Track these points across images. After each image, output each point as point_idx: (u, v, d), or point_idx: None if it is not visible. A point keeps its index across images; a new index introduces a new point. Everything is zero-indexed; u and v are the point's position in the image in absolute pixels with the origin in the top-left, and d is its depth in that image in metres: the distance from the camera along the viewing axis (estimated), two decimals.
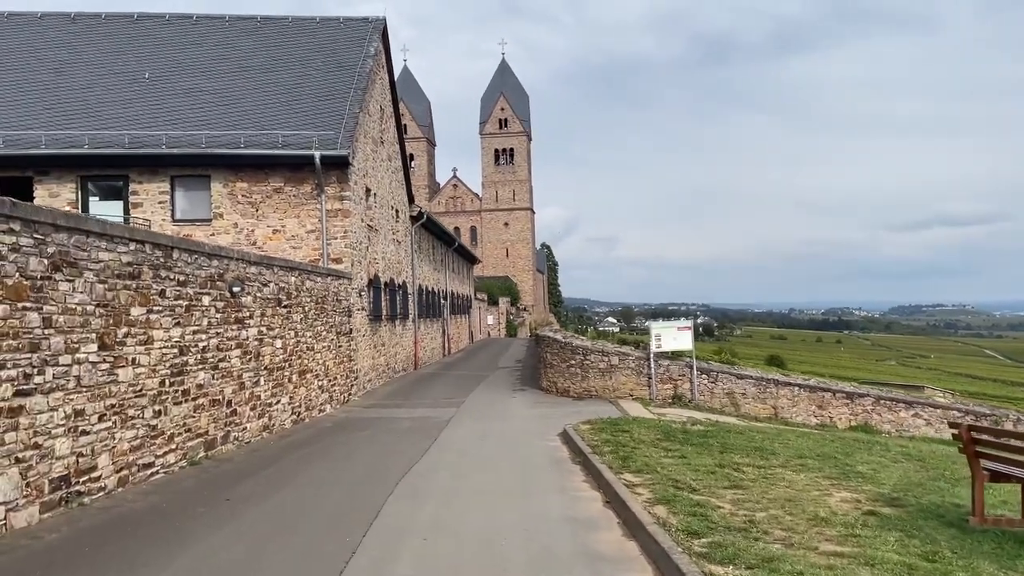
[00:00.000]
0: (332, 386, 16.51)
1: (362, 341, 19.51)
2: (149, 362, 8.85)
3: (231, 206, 18.18)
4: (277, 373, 13.11)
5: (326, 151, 17.72)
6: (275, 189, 18.26)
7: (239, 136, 17.84)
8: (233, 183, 18.16)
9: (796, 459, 9.85)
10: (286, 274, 13.69)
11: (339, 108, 19.11)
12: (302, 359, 14.48)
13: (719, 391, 18.51)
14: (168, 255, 9.36)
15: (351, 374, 18.15)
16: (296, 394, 14.10)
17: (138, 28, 21.50)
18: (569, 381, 19.18)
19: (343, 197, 18.38)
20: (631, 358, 18.58)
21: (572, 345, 19.19)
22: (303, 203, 18.29)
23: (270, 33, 21.99)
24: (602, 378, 18.69)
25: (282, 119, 18.69)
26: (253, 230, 18.22)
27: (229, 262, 11.19)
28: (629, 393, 18.48)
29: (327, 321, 16.22)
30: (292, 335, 13.93)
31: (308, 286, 15.00)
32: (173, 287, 9.46)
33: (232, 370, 11.22)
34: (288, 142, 17.91)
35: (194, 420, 9.98)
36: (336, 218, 18.37)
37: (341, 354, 17.31)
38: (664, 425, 12.61)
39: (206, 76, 20.03)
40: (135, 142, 17.41)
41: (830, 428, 18.20)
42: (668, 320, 19.81)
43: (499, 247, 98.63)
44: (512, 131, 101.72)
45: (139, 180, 17.85)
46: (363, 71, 20.47)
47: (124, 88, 19.34)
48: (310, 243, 18.32)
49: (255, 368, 12.10)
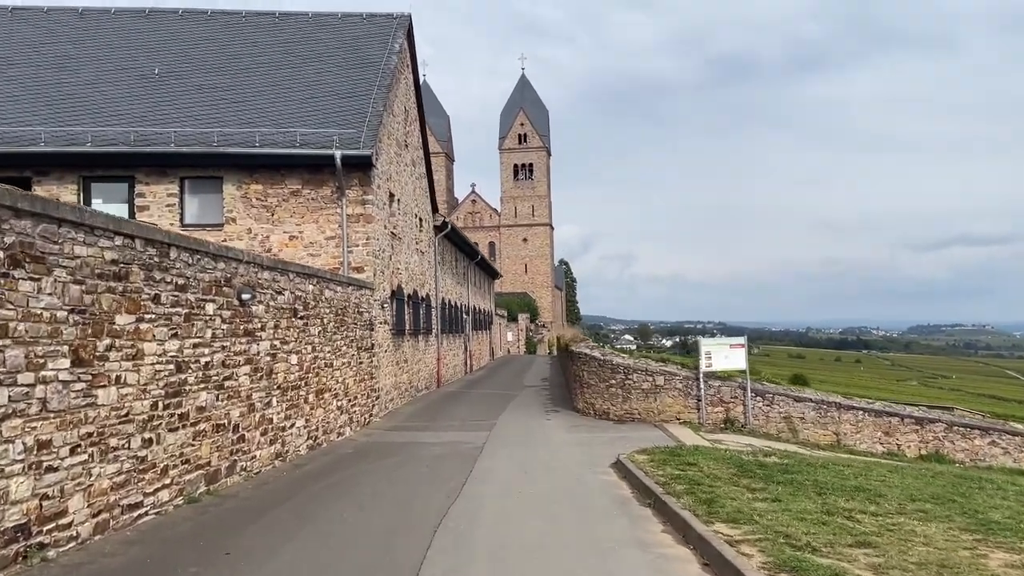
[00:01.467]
0: (352, 406, 14.99)
1: (384, 357, 18.01)
2: (138, 380, 7.37)
3: (244, 210, 16.79)
4: (292, 393, 11.61)
5: (348, 150, 16.31)
6: (292, 192, 16.86)
7: (254, 134, 16.47)
8: (247, 185, 16.78)
9: (910, 503, 8.20)
10: (303, 281, 12.23)
11: (362, 106, 17.73)
12: (320, 377, 12.98)
13: (775, 415, 16.82)
14: (164, 254, 7.90)
15: (372, 393, 16.64)
16: (313, 416, 12.59)
17: (149, 23, 20.28)
18: (609, 402, 17.55)
19: (365, 201, 16.94)
20: (678, 378, 16.94)
21: (612, 363, 17.59)
22: (322, 207, 16.87)
23: (289, 29, 20.70)
24: (645, 399, 17.06)
25: (300, 117, 17.31)
26: (268, 236, 16.80)
27: (238, 265, 9.73)
28: (676, 416, 16.83)
29: (347, 335, 14.74)
30: (309, 350, 12.44)
31: (327, 296, 13.53)
32: (170, 292, 7.99)
33: (240, 389, 9.74)
34: (307, 141, 16.52)
35: (193, 449, 8.48)
36: (358, 224, 16.93)
37: (362, 371, 15.81)
38: (732, 456, 10.98)
39: (220, 72, 18.73)
40: (142, 140, 16.08)
41: (899, 457, 16.47)
42: (718, 337, 18.17)
43: (518, 263, 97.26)
44: (531, 146, 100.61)
45: (146, 181, 16.50)
46: (388, 68, 19.11)
47: (132, 84, 18.06)
48: (329, 250, 16.88)
49: (267, 387, 10.61)
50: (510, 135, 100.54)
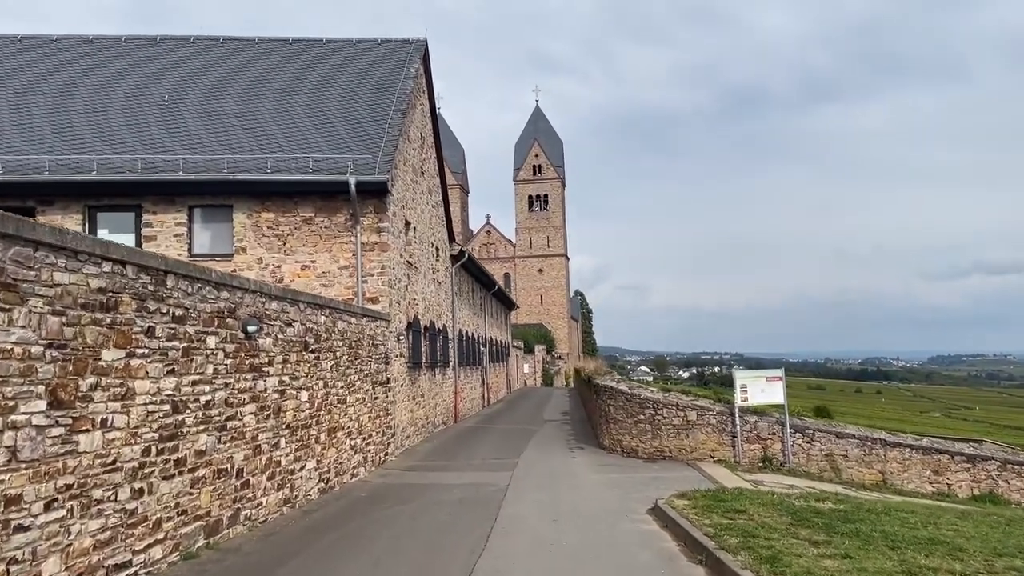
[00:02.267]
0: (367, 445, 14.13)
1: (400, 392, 17.17)
2: (128, 423, 6.57)
3: (255, 239, 16.11)
4: (302, 432, 10.78)
5: (362, 176, 15.64)
6: (305, 220, 16.18)
7: (265, 160, 15.85)
8: (258, 214, 16.12)
9: (997, 558, 7.23)
10: (314, 312, 11.46)
11: (377, 131, 17.11)
12: (332, 414, 12.15)
13: (816, 453, 15.80)
14: (160, 282, 7.15)
15: (388, 430, 15.77)
16: (324, 457, 11.74)
17: (159, 51, 19.84)
18: (637, 439, 16.59)
19: (381, 229, 16.23)
20: (711, 413, 15.98)
21: (640, 397, 16.66)
22: (336, 236, 16.17)
23: (302, 55, 20.22)
24: (677, 436, 16.09)
25: (314, 143, 16.70)
26: (280, 266, 16.09)
27: (244, 295, 8.97)
28: (710, 454, 15.84)
29: (362, 369, 13.93)
30: (321, 385, 11.64)
31: (340, 328, 12.75)
32: (166, 324, 7.23)
33: (245, 430, 8.92)
34: (320, 167, 15.87)
35: (191, 498, 7.64)
36: (372, 252, 16.21)
37: (377, 407, 14.97)
38: (781, 501, 10.02)
39: (231, 98, 18.19)
40: (149, 167, 15.48)
41: (950, 497, 15.39)
42: (754, 369, 17.15)
43: (533, 294, 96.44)
44: (546, 177, 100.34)
45: (153, 210, 15.88)
46: (403, 92, 18.53)
47: (140, 111, 17.54)
48: (343, 280, 16.14)
49: (274, 427, 9.79)
50: (525, 166, 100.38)
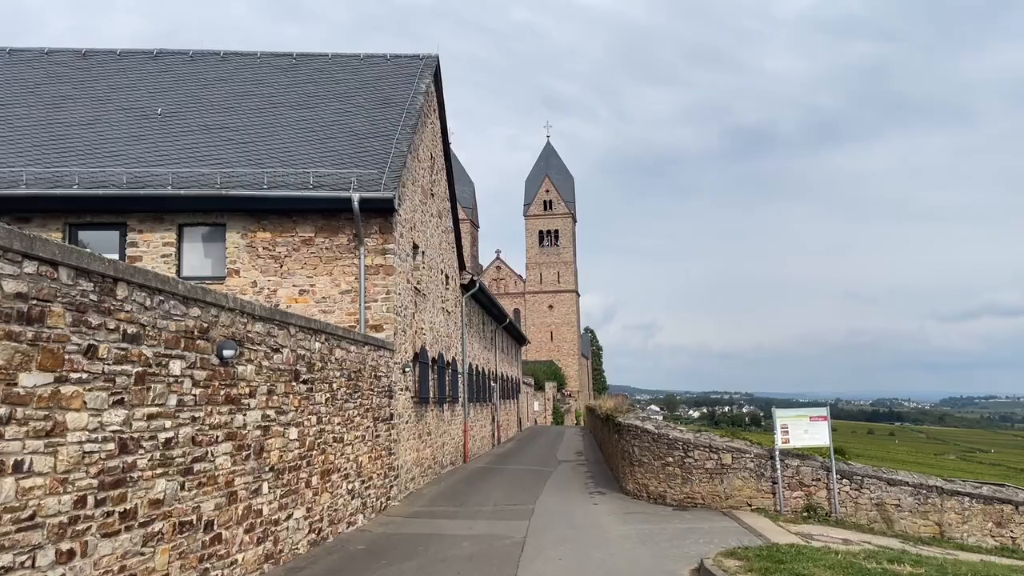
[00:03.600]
0: (366, 489, 12.65)
1: (405, 429, 15.72)
2: (54, 467, 5.18)
3: (250, 260, 14.82)
4: (289, 475, 9.34)
5: (367, 193, 14.39)
6: (304, 240, 14.90)
7: (262, 175, 14.63)
8: (253, 233, 14.85)
9: None
10: (308, 338, 10.08)
11: (384, 147, 15.90)
12: (327, 454, 10.71)
13: (865, 502, 14.20)
14: (106, 291, 5.80)
15: (391, 472, 14.29)
16: (316, 503, 10.28)
17: (156, 65, 18.80)
18: (665, 484, 15.04)
19: (386, 251, 14.93)
20: (749, 456, 14.44)
21: (669, 438, 15.14)
22: (337, 257, 14.87)
23: (306, 70, 19.14)
24: (710, 481, 14.54)
25: (315, 158, 15.50)
26: (275, 290, 14.78)
27: (219, 313, 7.61)
28: (747, 502, 14.27)
29: (362, 403, 12.51)
30: (313, 421, 10.22)
31: (338, 356, 11.37)
32: (114, 343, 5.86)
33: (217, 474, 7.50)
34: (321, 182, 14.63)
35: (142, 560, 6.20)
36: (377, 276, 14.88)
37: (379, 446, 13.52)
38: (850, 563, 8.50)
39: (229, 113, 17.07)
40: (135, 181, 14.27)
41: (1016, 553, 13.74)
42: (795, 408, 15.60)
43: (543, 330, 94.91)
44: (557, 212, 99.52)
45: (139, 229, 14.63)
46: (413, 108, 17.37)
47: (131, 125, 16.40)
48: (344, 306, 14.80)
49: (255, 469, 8.36)
50: (535, 202, 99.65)
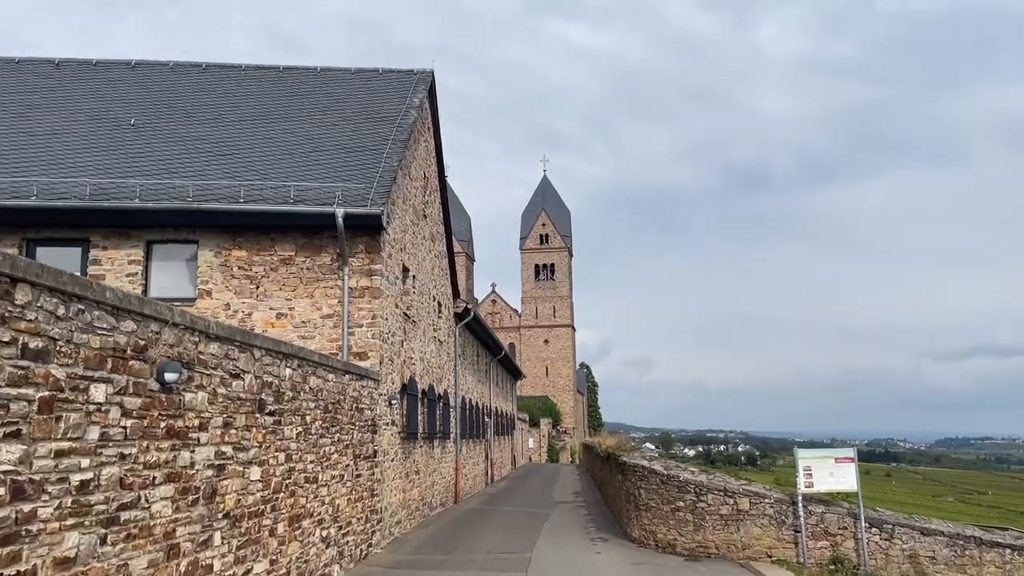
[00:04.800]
0: (343, 536, 11.29)
1: (390, 468, 14.38)
2: None
3: (223, 281, 13.60)
4: (249, 522, 8.02)
5: (353, 208, 13.23)
6: (283, 260, 13.70)
7: (239, 187, 13.47)
8: (228, 251, 13.65)
9: None
10: (276, 363, 8.82)
11: (373, 161, 14.80)
12: (296, 497, 9.39)
13: (896, 553, 12.86)
14: (2, 292, 4.57)
15: (373, 515, 12.93)
16: (283, 554, 8.93)
17: (132, 75, 17.75)
18: (675, 531, 13.69)
19: (373, 272, 13.74)
20: (768, 502, 13.12)
21: (679, 480, 13.82)
22: (319, 279, 13.67)
23: (293, 83, 18.12)
24: (725, 529, 13.20)
25: (298, 171, 14.38)
26: (251, 313, 13.55)
27: (162, 328, 6.37)
28: (766, 552, 12.93)
29: (341, 439, 11.21)
30: (281, 459, 8.92)
31: (313, 385, 10.10)
32: (8, 359, 4.61)
33: (153, 523, 6.20)
34: (303, 196, 13.48)
35: None
36: (362, 299, 13.67)
37: (360, 487, 12.18)
38: None
39: (207, 124, 15.97)
40: (99, 193, 13.09)
41: None
42: (819, 448, 14.26)
43: (539, 365, 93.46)
44: (553, 246, 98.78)
45: (103, 245, 13.43)
46: (405, 122, 16.30)
47: (101, 135, 15.29)
48: (325, 331, 13.57)
49: (205, 516, 7.05)
50: (531, 235, 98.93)
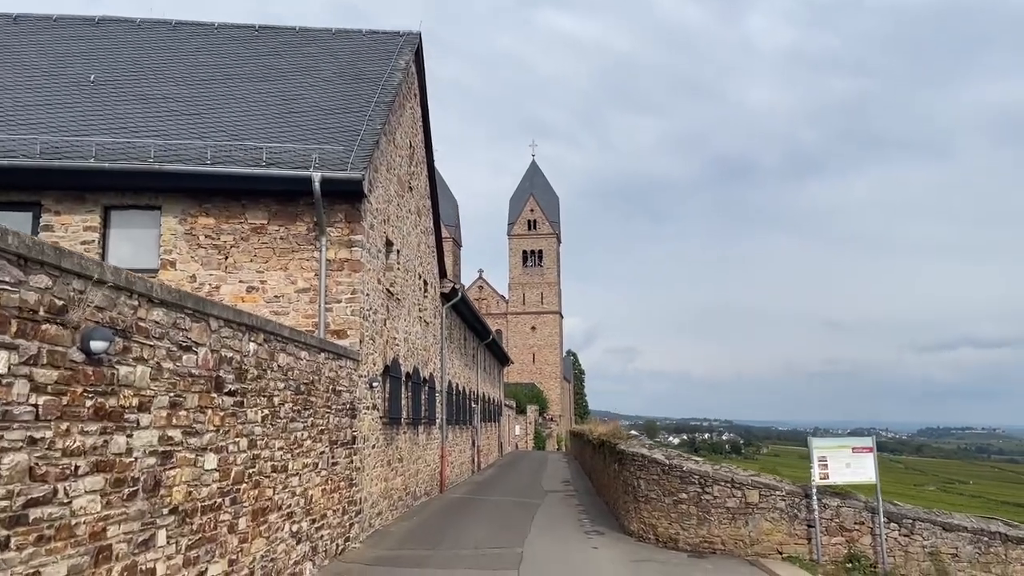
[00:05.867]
0: (317, 530, 10.22)
1: (371, 455, 13.32)
2: None
3: (189, 251, 12.45)
4: (204, 518, 6.94)
5: (331, 172, 12.10)
6: (254, 229, 12.56)
7: (205, 148, 12.30)
8: (194, 218, 12.49)
9: None
10: (238, 336, 7.71)
11: (354, 123, 13.65)
12: (262, 488, 8.31)
13: (916, 550, 11.94)
14: None
15: (351, 507, 11.87)
16: (245, 553, 7.86)
17: (97, 31, 16.47)
18: (678, 525, 12.71)
19: (353, 243, 12.62)
20: (779, 494, 12.15)
21: (682, 470, 12.83)
22: (294, 250, 12.54)
23: (270, 43, 16.88)
24: (732, 523, 12.23)
25: (272, 132, 13.23)
26: (219, 286, 12.41)
27: (86, 287, 5.26)
28: (776, 548, 11.97)
29: (315, 423, 10.12)
30: (244, 445, 7.83)
31: (283, 363, 9.00)
32: None
33: (75, 522, 5.11)
34: (277, 159, 12.32)
35: None
36: (341, 272, 12.55)
37: (337, 476, 11.11)
38: None
39: (174, 83, 14.75)
40: (51, 151, 11.88)
41: None
42: (835, 438, 13.21)
43: (526, 352, 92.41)
44: (541, 232, 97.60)
45: (56, 210, 12.23)
46: (390, 84, 15.14)
47: (57, 92, 14.04)
48: (300, 307, 12.45)
49: (146, 512, 5.96)
50: (519, 221, 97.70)
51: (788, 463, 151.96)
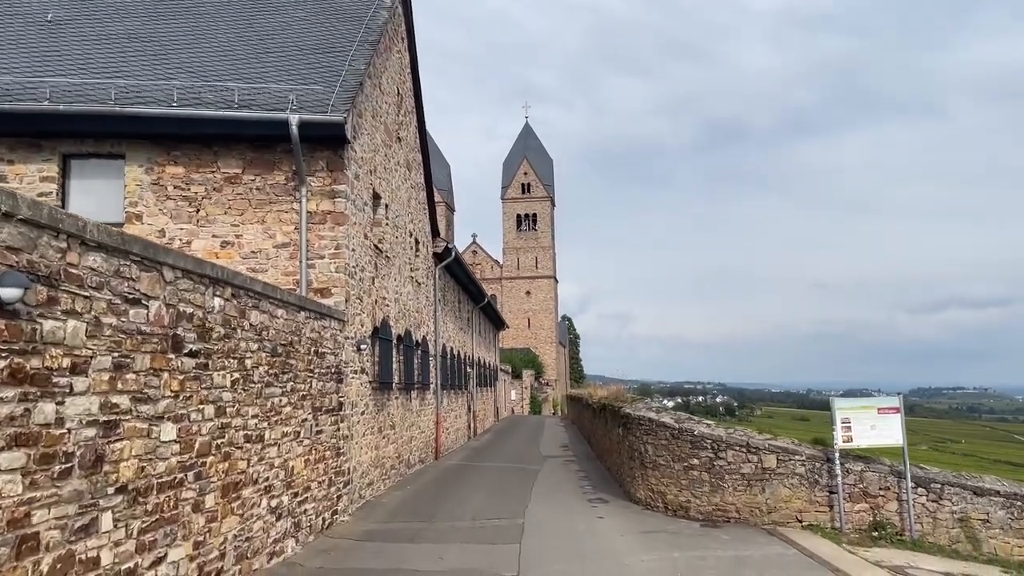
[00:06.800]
0: (300, 504, 9.36)
1: (360, 422, 12.43)
2: None
3: (156, 202, 11.41)
4: (161, 496, 6.03)
5: (310, 115, 11.04)
6: (228, 178, 11.51)
7: (171, 89, 11.20)
8: (161, 167, 11.44)
9: None
10: (199, 289, 6.74)
11: (336, 64, 12.54)
12: (233, 460, 7.40)
13: (945, 516, 11.16)
14: None
15: (339, 478, 11.00)
16: (214, 532, 6.97)
17: None
18: (689, 492, 11.91)
19: (336, 193, 11.59)
20: (798, 459, 11.33)
21: (693, 434, 11.99)
22: (272, 201, 11.52)
23: None
24: (748, 490, 11.42)
25: (244, 72, 12.11)
26: (190, 241, 11.41)
27: None
28: (796, 516, 11.18)
29: (295, 388, 9.20)
30: (210, 413, 6.90)
31: (256, 322, 8.04)
32: None
33: None
34: (250, 101, 11.24)
35: None
36: (323, 226, 11.54)
37: (322, 445, 10.22)
38: None
39: (138, 20, 13.59)
40: (2, 93, 10.78)
41: None
42: (859, 398, 12.32)
43: (520, 317, 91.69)
44: (535, 196, 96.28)
45: (9, 159, 11.16)
46: (375, 23, 13.99)
47: (9, 31, 12.87)
48: (280, 264, 11.46)
49: (86, 492, 5.04)
50: (513, 184, 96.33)
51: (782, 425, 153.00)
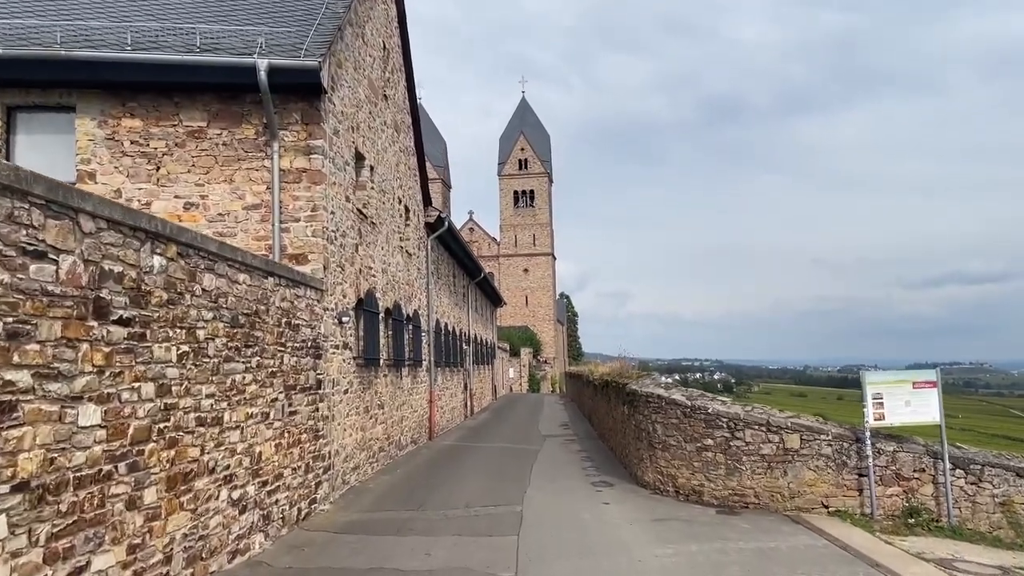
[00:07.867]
0: (271, 494, 8.30)
1: (343, 401, 11.36)
2: None
3: (111, 159, 10.26)
4: (81, 493, 4.96)
5: (280, 59, 9.86)
6: (191, 133, 10.35)
7: (124, 31, 10.01)
8: (117, 120, 10.27)
9: None
10: (131, 244, 5.63)
11: (312, 5, 11.36)
12: (181, 447, 6.32)
13: (986, 500, 10.14)
14: None
15: (317, 463, 9.95)
16: (156, 533, 5.91)
17: None
18: (702, 475, 10.88)
19: (312, 149, 10.43)
20: (824, 439, 10.29)
21: (707, 412, 10.94)
22: (240, 158, 10.36)
23: None
24: (768, 473, 10.39)
25: (208, 12, 10.91)
26: (150, 202, 10.27)
27: None
28: (821, 501, 10.16)
29: (263, 364, 8.11)
30: (150, 392, 5.82)
31: (211, 286, 6.93)
32: None
33: None
34: (214, 44, 10.05)
35: None
36: (299, 185, 10.40)
37: (297, 427, 9.16)
38: None
39: None
40: None
41: None
42: (893, 372, 11.21)
43: (518, 294, 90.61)
44: (532, 172, 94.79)
45: None
46: None
47: None
48: (251, 227, 10.33)
49: None
50: (510, 160, 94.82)
51: (780, 401, 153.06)
